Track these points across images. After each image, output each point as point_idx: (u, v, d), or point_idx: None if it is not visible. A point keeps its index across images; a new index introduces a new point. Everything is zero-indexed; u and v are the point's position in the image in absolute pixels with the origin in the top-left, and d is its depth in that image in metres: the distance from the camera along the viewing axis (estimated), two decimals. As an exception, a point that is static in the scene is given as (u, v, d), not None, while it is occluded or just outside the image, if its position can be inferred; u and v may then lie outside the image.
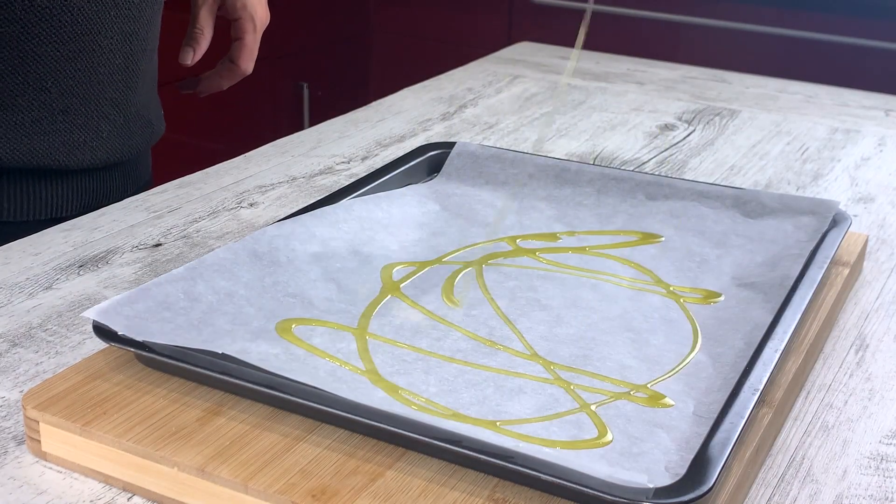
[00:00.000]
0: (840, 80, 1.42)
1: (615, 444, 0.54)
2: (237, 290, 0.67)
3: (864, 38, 2.26)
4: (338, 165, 1.02)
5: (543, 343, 0.64)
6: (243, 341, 0.62)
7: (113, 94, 0.94)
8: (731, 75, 1.41)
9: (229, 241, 0.82)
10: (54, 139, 0.90)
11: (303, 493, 0.51)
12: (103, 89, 0.93)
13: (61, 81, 0.90)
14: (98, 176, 0.96)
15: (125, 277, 0.78)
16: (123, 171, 1.00)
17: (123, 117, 0.96)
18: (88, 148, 0.93)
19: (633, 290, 0.71)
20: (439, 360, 0.62)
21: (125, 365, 0.61)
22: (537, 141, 0.83)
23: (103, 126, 0.94)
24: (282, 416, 0.57)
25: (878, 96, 1.32)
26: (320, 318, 0.66)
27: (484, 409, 0.57)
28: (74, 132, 0.92)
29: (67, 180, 0.93)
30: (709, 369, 0.61)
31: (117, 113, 0.95)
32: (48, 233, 0.85)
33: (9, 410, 0.61)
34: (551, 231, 0.81)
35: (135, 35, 0.95)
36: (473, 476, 0.53)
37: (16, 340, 0.69)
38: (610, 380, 0.60)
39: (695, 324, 0.67)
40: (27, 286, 0.76)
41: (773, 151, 1.10)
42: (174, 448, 0.54)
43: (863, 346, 0.72)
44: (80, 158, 0.93)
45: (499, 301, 0.70)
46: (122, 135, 0.97)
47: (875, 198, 0.98)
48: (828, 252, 0.74)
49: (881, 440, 0.62)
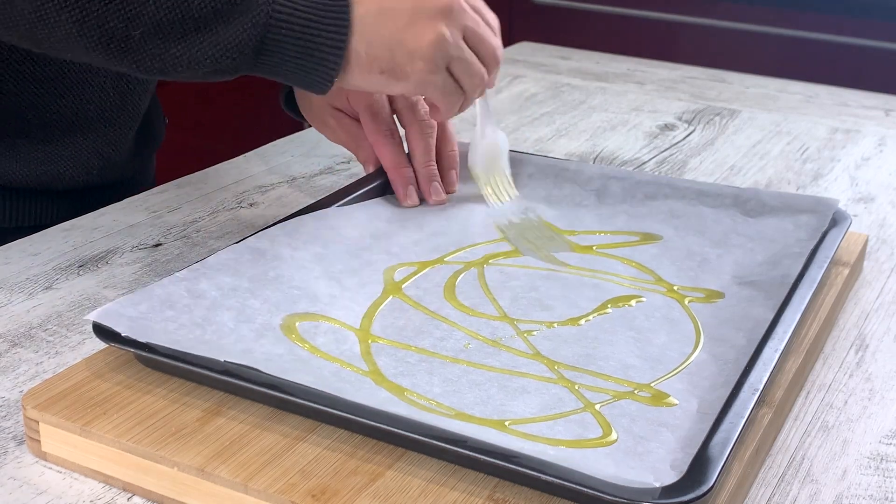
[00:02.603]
0: (840, 80, 1.42)
1: (620, 443, 0.54)
2: (241, 284, 0.67)
3: (864, 38, 2.26)
4: (338, 165, 1.02)
5: (546, 343, 0.64)
6: (247, 341, 0.62)
7: (105, 131, 0.92)
8: (731, 75, 1.40)
9: (229, 241, 0.82)
10: (35, 166, 0.89)
11: (303, 493, 0.51)
12: (92, 125, 0.91)
13: (43, 115, 0.87)
14: (93, 192, 0.95)
15: (125, 277, 0.78)
16: (124, 187, 0.98)
17: (117, 152, 0.94)
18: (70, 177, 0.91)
19: (635, 289, 0.71)
20: (443, 361, 0.62)
21: (125, 365, 0.61)
22: None
23: (94, 162, 0.92)
24: (282, 416, 0.57)
25: (878, 96, 1.32)
26: (325, 313, 0.66)
27: (488, 409, 0.57)
28: (60, 163, 0.90)
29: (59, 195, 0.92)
30: (711, 367, 0.61)
31: (112, 150, 0.93)
32: (48, 233, 0.85)
33: (9, 410, 0.61)
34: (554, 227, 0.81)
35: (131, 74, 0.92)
36: (473, 476, 0.53)
37: (16, 340, 0.69)
38: (614, 379, 0.60)
39: (697, 323, 0.67)
40: (27, 286, 0.76)
41: (773, 151, 1.10)
42: (174, 448, 0.54)
43: (863, 346, 0.72)
44: (66, 184, 0.91)
45: (501, 301, 0.70)
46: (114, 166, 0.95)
47: (875, 198, 0.98)
48: (828, 252, 0.74)
49: (881, 440, 0.62)
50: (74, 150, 0.90)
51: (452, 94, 0.74)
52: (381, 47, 0.69)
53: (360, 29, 0.68)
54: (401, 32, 0.69)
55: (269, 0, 0.65)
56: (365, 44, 0.68)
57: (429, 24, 0.70)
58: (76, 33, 0.63)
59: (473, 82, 0.74)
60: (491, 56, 0.74)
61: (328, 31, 0.67)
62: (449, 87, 0.73)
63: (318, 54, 0.67)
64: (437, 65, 0.71)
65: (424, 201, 0.83)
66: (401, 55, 0.69)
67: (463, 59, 0.72)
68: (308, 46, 0.67)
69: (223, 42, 0.65)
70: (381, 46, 0.69)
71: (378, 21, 0.68)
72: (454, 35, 0.71)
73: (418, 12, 0.69)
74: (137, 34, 0.63)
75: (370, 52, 0.69)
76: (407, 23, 0.69)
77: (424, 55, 0.70)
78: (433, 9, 0.70)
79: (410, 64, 0.70)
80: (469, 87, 0.74)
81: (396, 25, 0.69)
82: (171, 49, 0.64)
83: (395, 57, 0.69)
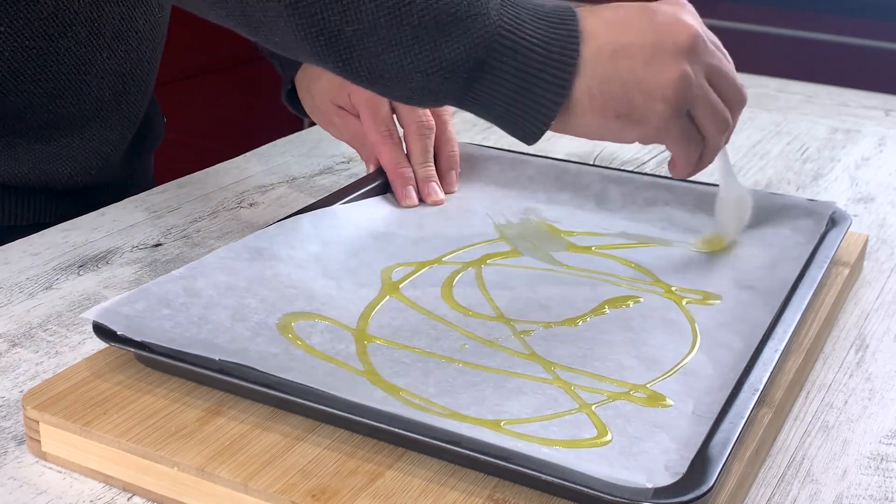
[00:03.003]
0: (840, 80, 1.42)
1: (614, 443, 0.54)
2: (238, 283, 0.67)
3: (864, 38, 2.26)
4: (338, 165, 1.02)
5: (543, 343, 0.64)
6: (243, 340, 0.62)
7: (103, 131, 0.91)
8: (731, 75, 1.40)
9: (229, 241, 0.82)
10: (33, 165, 0.89)
11: (303, 493, 0.51)
12: (90, 125, 0.90)
13: (41, 115, 0.87)
14: (92, 192, 0.95)
15: (125, 277, 0.78)
16: (122, 188, 0.98)
17: (115, 152, 0.94)
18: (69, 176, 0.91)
19: (633, 290, 0.71)
20: (438, 361, 0.62)
21: (125, 365, 0.61)
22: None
23: (92, 161, 0.92)
24: (282, 416, 0.57)
25: (878, 96, 1.32)
26: (322, 313, 0.66)
27: (483, 409, 0.57)
28: (58, 162, 0.90)
29: (58, 195, 0.92)
30: (708, 369, 0.61)
31: (110, 150, 0.93)
32: (48, 233, 0.85)
33: (9, 410, 0.61)
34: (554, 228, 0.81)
35: (129, 75, 0.91)
36: (473, 476, 0.53)
37: (16, 340, 0.69)
38: (609, 380, 0.60)
39: (694, 324, 0.67)
40: (27, 286, 0.76)
41: (773, 151, 1.10)
42: (174, 448, 0.54)
43: (863, 346, 0.72)
44: (65, 183, 0.91)
45: (498, 301, 0.70)
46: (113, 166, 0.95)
47: (875, 198, 0.98)
48: (828, 252, 0.74)
49: (881, 440, 0.62)
50: (73, 149, 0.90)
51: (692, 142, 0.66)
52: (617, 87, 0.62)
53: (593, 66, 0.61)
54: (640, 71, 0.62)
55: (496, 23, 0.59)
56: (598, 82, 0.61)
57: (671, 62, 0.62)
58: (286, 16, 0.58)
59: (718, 127, 0.66)
60: (737, 97, 0.67)
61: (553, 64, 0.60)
62: (690, 134, 0.65)
63: (538, 90, 0.61)
64: (678, 107, 0.63)
65: (424, 201, 0.83)
66: (639, 96, 0.62)
67: (707, 101, 0.65)
68: (528, 81, 0.60)
69: (438, 57, 0.59)
70: (616, 86, 0.61)
71: (614, 58, 0.61)
72: (698, 74, 0.63)
73: (659, 49, 0.62)
74: (350, 30, 0.58)
75: (604, 91, 0.61)
76: (647, 60, 0.62)
77: (666, 96, 0.62)
78: (675, 45, 0.62)
79: (649, 106, 0.62)
80: (711, 133, 0.66)
81: (635, 63, 0.62)
82: (382, 54, 0.59)
83: (632, 99, 0.62)
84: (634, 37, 0.62)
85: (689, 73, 0.62)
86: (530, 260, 0.76)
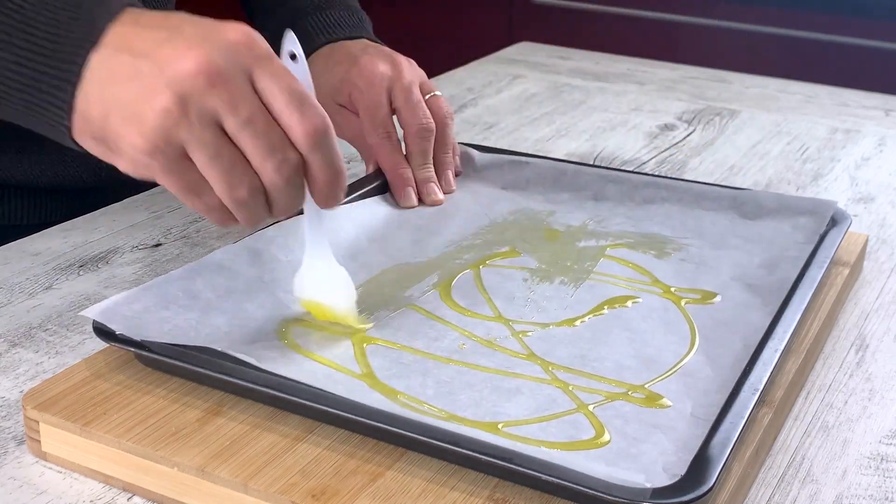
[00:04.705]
0: (840, 80, 1.42)
1: (613, 444, 0.54)
2: (237, 286, 0.67)
3: (864, 38, 2.26)
4: (338, 165, 1.02)
5: (541, 343, 0.64)
6: (241, 344, 0.62)
7: None
8: (731, 75, 1.40)
9: (229, 242, 0.82)
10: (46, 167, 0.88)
11: (303, 493, 0.51)
12: None
13: None
14: (93, 192, 0.95)
15: (125, 277, 0.78)
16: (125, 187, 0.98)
17: None
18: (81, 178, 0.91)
19: (631, 290, 0.71)
20: (436, 362, 0.62)
21: (125, 365, 0.61)
22: None
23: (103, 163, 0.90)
24: (282, 416, 0.57)
25: (878, 96, 1.32)
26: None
27: (481, 410, 0.57)
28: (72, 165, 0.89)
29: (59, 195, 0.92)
30: (707, 370, 0.61)
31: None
32: (48, 233, 0.85)
33: (9, 410, 0.61)
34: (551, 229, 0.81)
35: None
36: (473, 476, 0.53)
37: (16, 340, 0.69)
38: (607, 380, 0.60)
39: (693, 324, 0.67)
40: (27, 286, 0.76)
41: (773, 151, 1.10)
42: (174, 448, 0.54)
43: (863, 347, 0.72)
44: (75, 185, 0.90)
45: (496, 301, 0.70)
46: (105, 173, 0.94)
47: (875, 198, 0.98)
48: (828, 252, 0.74)
49: (881, 440, 0.62)
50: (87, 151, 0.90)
51: (196, 195, 0.54)
52: (98, 106, 0.53)
53: (89, 79, 0.53)
54: (126, 91, 0.52)
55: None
56: (85, 98, 0.53)
57: (163, 88, 0.51)
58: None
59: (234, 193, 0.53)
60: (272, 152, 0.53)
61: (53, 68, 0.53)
62: (190, 185, 0.53)
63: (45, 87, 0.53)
64: (156, 146, 0.52)
65: (423, 202, 0.83)
66: (115, 122, 0.52)
67: (203, 147, 0.52)
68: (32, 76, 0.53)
69: None
70: (97, 105, 0.53)
71: (107, 71, 0.52)
72: (195, 110, 0.51)
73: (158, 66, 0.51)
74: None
75: (87, 110, 0.53)
76: (138, 79, 0.51)
77: (144, 129, 0.51)
78: (177, 68, 0.51)
79: (124, 136, 0.52)
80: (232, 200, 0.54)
81: (124, 81, 0.52)
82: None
83: (108, 123, 0.53)
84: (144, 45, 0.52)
85: (175, 108, 0.51)
86: (529, 260, 0.76)
